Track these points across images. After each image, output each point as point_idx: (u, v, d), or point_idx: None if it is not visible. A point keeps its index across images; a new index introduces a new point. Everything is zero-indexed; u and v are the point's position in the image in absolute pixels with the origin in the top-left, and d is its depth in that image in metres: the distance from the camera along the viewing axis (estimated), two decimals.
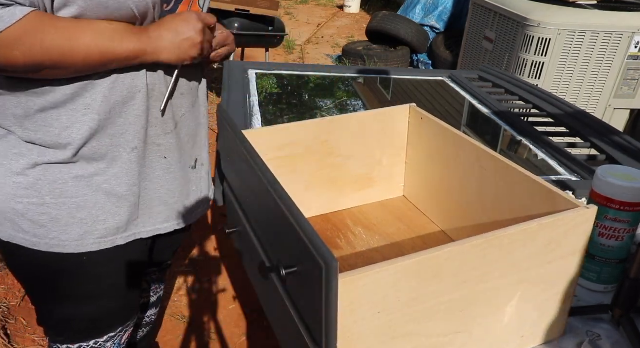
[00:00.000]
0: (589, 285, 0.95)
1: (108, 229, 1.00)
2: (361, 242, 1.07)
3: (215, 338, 2.01)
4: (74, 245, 0.98)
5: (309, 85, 2.19)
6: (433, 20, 5.22)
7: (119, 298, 1.10)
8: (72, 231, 0.97)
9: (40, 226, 0.95)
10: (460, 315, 0.72)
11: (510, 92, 2.12)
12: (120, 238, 1.02)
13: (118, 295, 1.09)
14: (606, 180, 0.87)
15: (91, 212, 0.97)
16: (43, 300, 1.08)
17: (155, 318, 1.49)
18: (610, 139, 1.66)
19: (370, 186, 1.19)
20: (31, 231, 0.95)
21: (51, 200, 0.94)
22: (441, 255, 0.65)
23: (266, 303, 0.95)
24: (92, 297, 1.06)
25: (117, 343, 1.15)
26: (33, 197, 0.93)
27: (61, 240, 0.97)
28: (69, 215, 0.96)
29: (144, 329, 1.47)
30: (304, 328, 0.73)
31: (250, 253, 0.98)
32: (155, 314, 1.48)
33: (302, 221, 0.66)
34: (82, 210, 0.96)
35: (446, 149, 1.04)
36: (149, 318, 1.45)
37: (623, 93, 3.09)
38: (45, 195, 0.94)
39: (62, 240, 0.97)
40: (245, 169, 0.88)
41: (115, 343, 1.15)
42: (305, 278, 0.67)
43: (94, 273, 1.03)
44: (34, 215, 0.94)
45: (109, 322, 1.11)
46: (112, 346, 1.14)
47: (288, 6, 7.82)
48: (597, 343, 0.83)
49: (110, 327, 1.12)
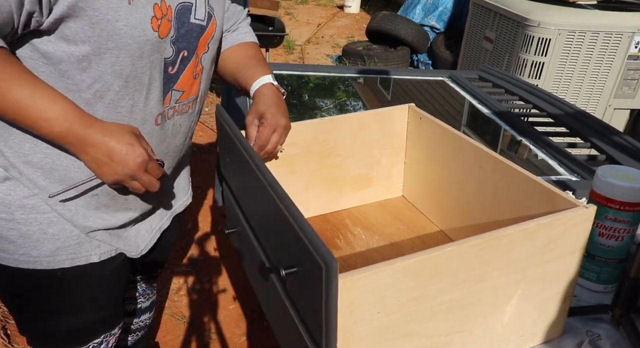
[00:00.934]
0: (589, 285, 0.95)
1: (81, 244, 0.97)
2: (360, 242, 1.07)
3: (215, 338, 2.01)
4: (45, 261, 0.94)
5: (308, 85, 2.19)
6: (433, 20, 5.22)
7: (99, 310, 1.07)
8: (43, 247, 0.93)
9: (9, 242, 0.92)
10: (459, 315, 0.72)
11: (510, 92, 2.12)
12: (94, 255, 0.99)
13: (98, 307, 1.07)
14: (606, 180, 0.87)
15: (64, 227, 0.94)
16: (21, 315, 1.05)
17: (150, 321, 1.48)
18: (610, 139, 1.66)
19: (369, 186, 1.19)
20: (0, 246, 0.92)
21: (21, 215, 0.90)
22: (440, 255, 0.65)
23: (266, 303, 0.95)
24: (69, 311, 1.03)
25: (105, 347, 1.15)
26: (2, 212, 0.90)
27: (31, 256, 0.93)
28: (39, 230, 0.92)
29: (139, 333, 1.45)
30: (303, 328, 0.73)
31: (250, 253, 0.98)
32: (150, 318, 1.47)
33: (301, 221, 0.66)
34: (54, 226, 0.93)
35: (445, 148, 1.04)
36: (142, 322, 1.44)
37: (623, 93, 3.08)
38: (14, 211, 0.90)
39: (32, 256, 0.93)
40: (244, 170, 0.88)
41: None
42: (305, 278, 0.67)
43: (69, 288, 1.00)
44: (2, 230, 0.91)
45: (91, 332, 1.09)
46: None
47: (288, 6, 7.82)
48: (597, 343, 0.83)
49: (94, 335, 1.09)
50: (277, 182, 0.76)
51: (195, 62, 0.97)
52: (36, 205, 0.91)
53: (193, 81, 0.99)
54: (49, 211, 0.92)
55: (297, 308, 0.75)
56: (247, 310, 2.15)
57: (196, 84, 1.00)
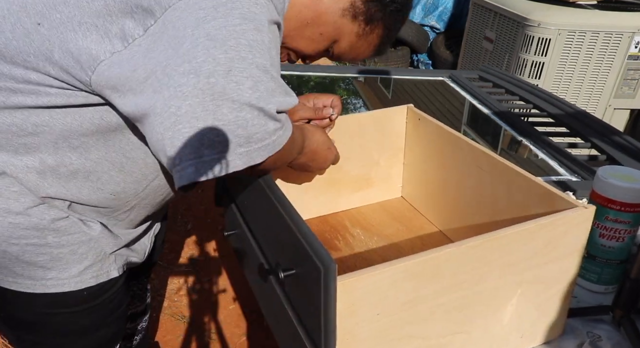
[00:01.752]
0: (590, 285, 0.95)
1: (103, 261, 0.95)
2: (360, 243, 1.07)
3: (215, 338, 2.01)
4: (73, 282, 0.91)
5: (308, 85, 2.19)
6: (433, 20, 5.22)
7: (117, 322, 1.04)
8: (72, 268, 0.90)
9: (38, 267, 0.88)
10: (459, 316, 0.72)
11: (511, 92, 2.11)
12: (114, 270, 0.97)
13: (116, 319, 1.04)
14: (607, 181, 0.87)
15: (92, 245, 0.91)
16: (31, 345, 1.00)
17: (146, 324, 1.48)
18: (610, 139, 1.65)
19: (368, 187, 1.19)
20: (25, 273, 0.88)
21: (53, 239, 0.86)
22: (440, 256, 0.65)
23: (265, 305, 0.95)
24: (91, 330, 1.00)
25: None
26: (33, 237, 0.85)
27: (60, 279, 0.90)
28: (70, 251, 0.89)
29: (136, 337, 1.45)
30: (302, 330, 0.73)
31: (249, 255, 0.98)
32: (146, 321, 1.46)
33: (300, 223, 0.66)
34: (84, 245, 0.90)
35: (444, 149, 1.03)
36: (140, 325, 1.44)
37: (623, 93, 3.08)
38: (47, 235, 0.86)
39: (60, 279, 0.89)
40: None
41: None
42: (304, 280, 0.67)
43: (94, 306, 0.97)
44: (31, 256, 0.86)
45: (109, 345, 1.06)
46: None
47: None
48: (598, 344, 0.82)
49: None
50: (275, 184, 0.76)
51: None
52: (68, 226, 0.88)
53: None
54: (79, 231, 0.89)
55: (296, 310, 0.75)
56: (247, 310, 2.15)
57: None
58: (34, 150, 0.81)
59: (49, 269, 0.88)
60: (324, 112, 1.03)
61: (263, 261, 0.88)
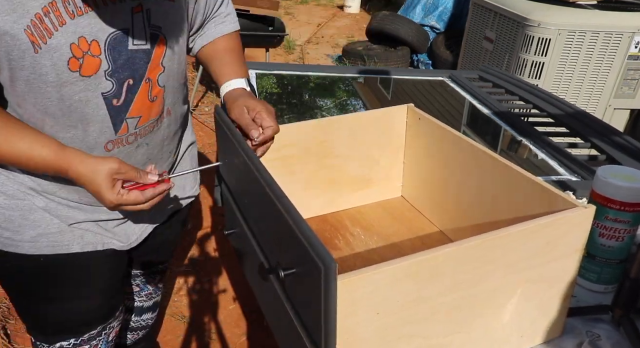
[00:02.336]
0: (589, 285, 0.95)
1: (62, 233, 0.99)
2: (360, 243, 1.07)
3: (215, 338, 2.01)
4: (27, 246, 0.97)
5: (308, 85, 2.19)
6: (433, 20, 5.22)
7: (86, 299, 1.09)
8: (25, 232, 0.96)
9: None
10: (459, 316, 0.72)
11: (511, 92, 2.12)
12: (76, 245, 1.00)
13: (84, 296, 1.08)
14: (606, 181, 0.87)
15: (44, 215, 0.96)
16: (14, 299, 1.09)
17: (153, 322, 1.48)
18: (610, 139, 1.66)
19: (369, 186, 1.19)
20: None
21: (4, 200, 0.94)
22: (440, 255, 0.65)
23: (265, 305, 0.95)
24: (54, 299, 1.06)
25: (105, 341, 1.15)
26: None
27: (14, 240, 0.96)
28: (21, 216, 0.95)
29: (140, 332, 1.45)
30: (303, 329, 0.73)
31: (249, 254, 0.98)
32: (152, 318, 1.46)
33: (300, 222, 0.66)
34: (35, 213, 0.96)
35: (444, 149, 1.03)
36: (144, 321, 1.44)
37: (623, 93, 3.08)
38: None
39: (14, 240, 0.96)
40: (243, 170, 0.88)
41: (102, 341, 1.14)
42: (304, 279, 0.67)
43: (52, 276, 1.02)
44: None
45: (83, 322, 1.10)
46: (101, 343, 1.14)
47: (288, 6, 7.82)
48: (597, 343, 0.82)
49: (87, 326, 1.11)
50: (275, 183, 0.76)
51: (148, 86, 0.94)
52: (16, 192, 0.94)
53: (150, 104, 0.96)
54: (27, 199, 0.95)
55: (296, 310, 0.75)
56: (247, 310, 2.15)
57: (156, 106, 0.97)
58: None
59: (5, 229, 0.96)
60: (252, 133, 0.92)
61: (263, 260, 0.88)
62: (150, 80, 0.93)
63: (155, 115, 0.98)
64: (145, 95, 0.93)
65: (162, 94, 0.98)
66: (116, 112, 0.91)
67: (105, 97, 0.88)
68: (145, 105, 0.95)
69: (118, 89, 0.89)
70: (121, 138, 0.95)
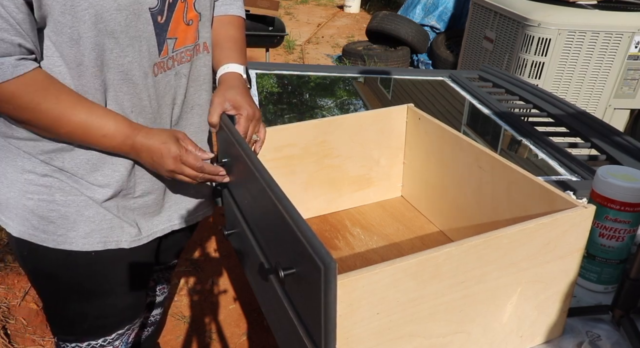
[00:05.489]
0: (589, 285, 0.95)
1: (113, 229, 1.01)
2: (360, 243, 1.07)
3: (216, 338, 2.01)
4: (80, 242, 0.99)
5: (308, 85, 2.19)
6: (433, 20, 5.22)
7: (126, 296, 1.10)
8: (79, 228, 0.98)
9: (49, 222, 0.96)
10: (459, 316, 0.72)
11: (511, 92, 2.12)
12: (124, 241, 1.03)
13: (126, 293, 1.10)
14: (606, 181, 0.87)
15: (98, 210, 0.98)
16: (53, 298, 1.09)
17: (160, 318, 1.49)
18: (610, 139, 1.66)
19: (369, 186, 1.19)
20: (40, 227, 0.96)
21: (60, 197, 0.95)
22: (440, 255, 0.65)
23: (265, 305, 0.95)
24: (100, 294, 1.07)
25: (125, 342, 1.16)
26: (43, 193, 0.95)
27: (68, 237, 0.98)
28: (77, 212, 0.97)
29: (149, 329, 1.47)
30: (302, 329, 0.73)
31: (249, 254, 0.98)
32: (160, 314, 1.48)
33: (300, 222, 0.66)
34: (90, 208, 0.97)
35: (444, 149, 1.03)
36: (154, 317, 1.45)
37: (623, 93, 3.08)
38: (55, 193, 0.95)
39: (69, 237, 0.98)
40: (243, 170, 0.88)
41: (123, 342, 1.15)
42: (304, 279, 0.67)
43: (101, 271, 1.04)
44: (44, 211, 0.96)
45: (117, 320, 1.12)
46: (121, 344, 1.15)
47: (288, 6, 7.82)
48: (597, 343, 0.82)
49: (119, 325, 1.12)
50: (276, 183, 0.76)
51: (184, 7, 0.95)
52: (73, 188, 0.96)
53: (186, 28, 0.97)
54: (84, 194, 0.97)
55: (296, 309, 0.75)
56: (248, 310, 2.15)
57: (191, 31, 0.98)
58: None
59: (59, 226, 0.97)
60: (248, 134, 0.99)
61: (263, 260, 0.88)
62: (186, 2, 0.95)
63: (190, 41, 0.99)
64: (181, 15, 0.95)
65: (197, 20, 0.98)
66: (160, 29, 0.92)
67: (152, 13, 0.90)
68: (180, 26, 0.96)
69: (161, 5, 0.91)
70: (163, 61, 0.95)
